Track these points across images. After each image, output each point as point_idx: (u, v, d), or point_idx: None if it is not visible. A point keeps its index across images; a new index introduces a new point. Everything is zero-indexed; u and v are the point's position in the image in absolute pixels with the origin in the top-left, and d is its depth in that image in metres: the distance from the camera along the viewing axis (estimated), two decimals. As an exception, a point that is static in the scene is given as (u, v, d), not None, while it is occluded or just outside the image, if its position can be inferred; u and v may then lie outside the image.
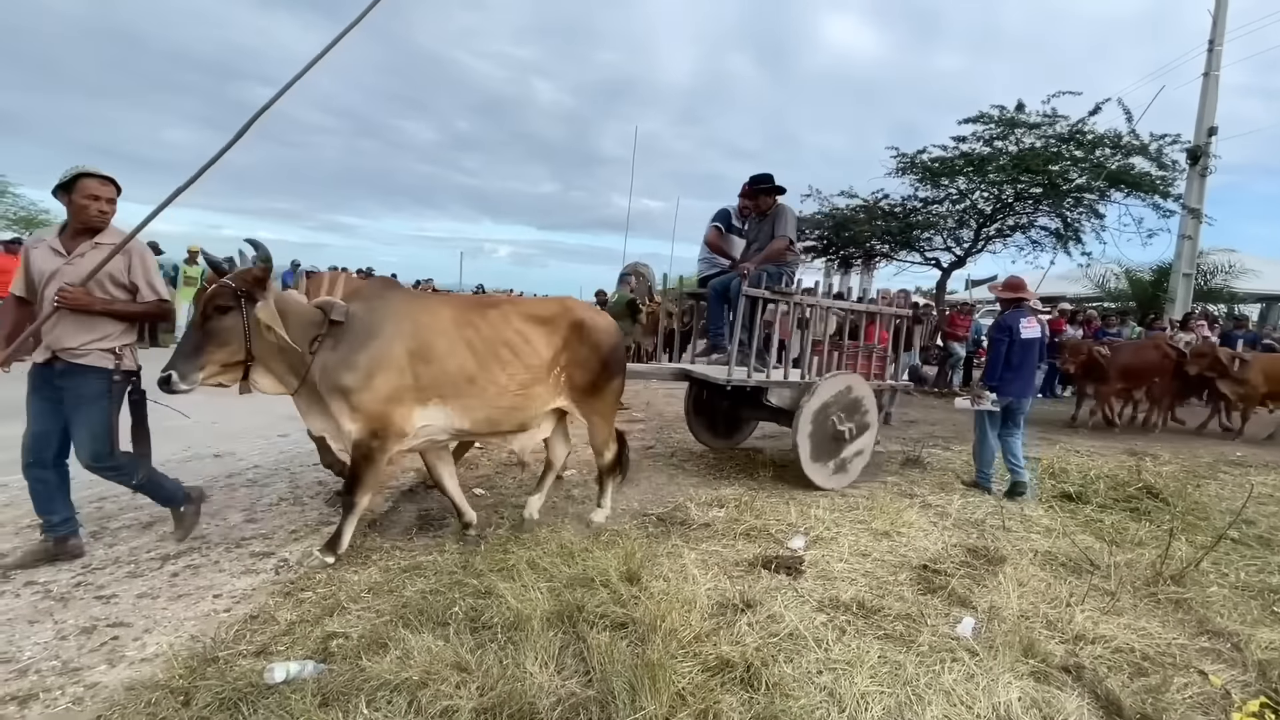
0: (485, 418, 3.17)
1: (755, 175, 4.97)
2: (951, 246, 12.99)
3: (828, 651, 2.37)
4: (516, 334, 3.25)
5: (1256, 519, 4.46)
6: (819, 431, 4.46)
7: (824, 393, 4.47)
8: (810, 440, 4.43)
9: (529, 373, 3.25)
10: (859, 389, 4.67)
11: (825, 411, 4.48)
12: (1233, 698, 2.30)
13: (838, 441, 4.56)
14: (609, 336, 3.55)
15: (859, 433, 4.65)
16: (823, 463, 4.53)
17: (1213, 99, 12.90)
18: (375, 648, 2.25)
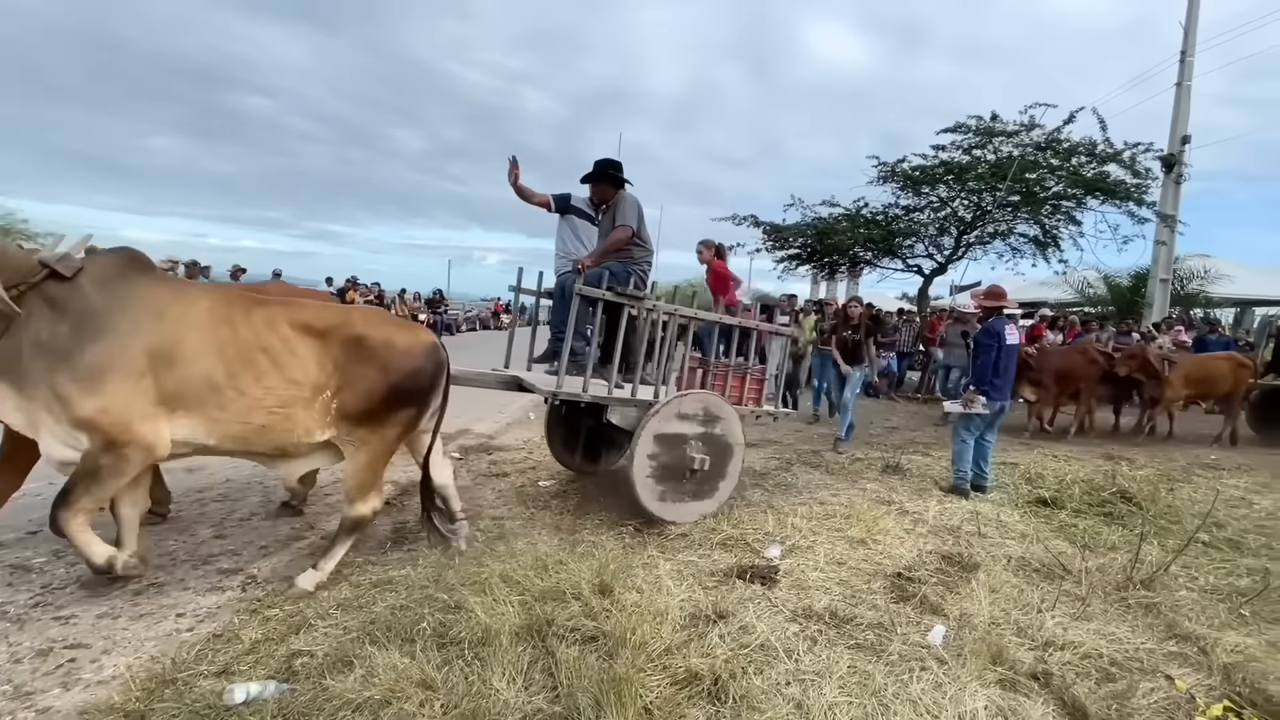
0: (233, 434, 2.69)
1: (597, 161, 4.35)
2: (933, 253, 13.15)
3: (798, 662, 2.36)
4: (281, 342, 2.74)
5: (1227, 522, 4.53)
6: (662, 459, 3.79)
7: (671, 414, 3.82)
8: (649, 468, 3.75)
9: (289, 389, 2.73)
10: (718, 412, 4.01)
11: (671, 436, 3.81)
12: (1197, 702, 2.32)
13: (687, 471, 3.87)
14: (405, 358, 2.91)
15: (716, 463, 3.96)
16: (665, 496, 3.84)
17: (1185, 108, 13.20)
18: (340, 666, 2.22)
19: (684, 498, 3.92)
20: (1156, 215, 11.95)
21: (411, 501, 4.42)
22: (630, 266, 4.17)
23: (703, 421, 3.93)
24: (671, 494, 3.86)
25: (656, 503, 3.80)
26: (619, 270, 4.09)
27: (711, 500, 4.04)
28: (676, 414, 3.85)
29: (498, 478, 4.99)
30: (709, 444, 3.94)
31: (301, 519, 3.87)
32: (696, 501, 3.98)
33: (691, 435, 3.89)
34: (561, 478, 5.00)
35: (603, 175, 4.31)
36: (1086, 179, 10.83)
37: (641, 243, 4.27)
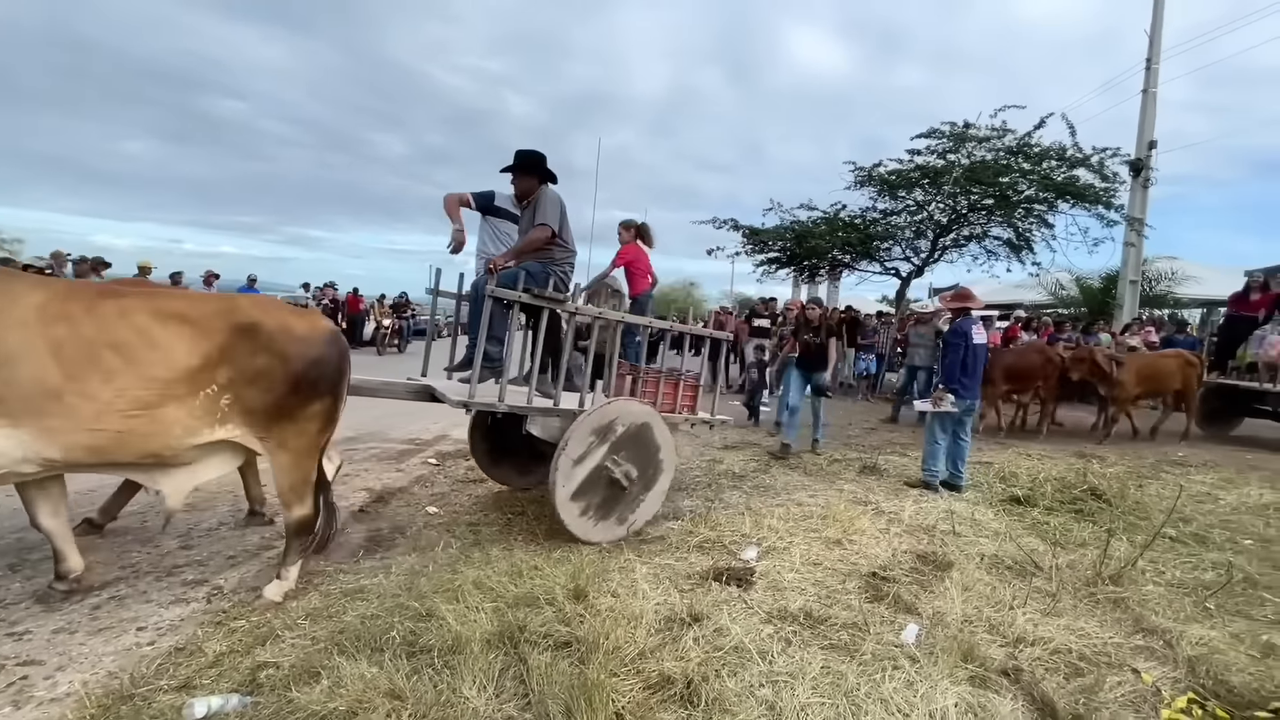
0: (84, 444, 2.38)
1: (518, 151, 3.99)
2: (910, 256, 13.32)
3: (771, 664, 2.36)
4: (137, 335, 2.45)
5: (1193, 517, 4.62)
6: (584, 471, 3.52)
7: (595, 424, 3.55)
8: (572, 483, 3.48)
9: (152, 388, 2.43)
10: (647, 422, 3.74)
11: (593, 447, 3.54)
12: (1163, 695, 2.36)
13: (612, 487, 3.62)
14: (306, 346, 2.72)
15: (644, 477, 3.73)
16: (588, 512, 3.58)
17: (1152, 114, 13.53)
18: (306, 677, 2.17)
19: (609, 514, 3.64)
20: (1125, 218, 12.22)
21: (387, 508, 4.37)
22: (550, 267, 3.88)
23: (631, 432, 3.67)
24: (596, 510, 3.59)
25: (578, 520, 3.53)
26: (537, 271, 3.80)
27: (639, 516, 3.76)
28: (601, 425, 3.56)
29: (474, 483, 4.94)
30: (637, 456, 3.68)
31: (272, 528, 3.79)
32: (623, 518, 3.70)
33: (618, 447, 3.62)
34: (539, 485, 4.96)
35: (524, 166, 3.93)
36: (1057, 183, 11.04)
37: (563, 243, 3.96)
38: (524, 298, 3.50)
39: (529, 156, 3.94)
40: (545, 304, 3.61)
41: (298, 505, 2.87)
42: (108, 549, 3.32)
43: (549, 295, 3.59)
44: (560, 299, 3.66)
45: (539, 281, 3.69)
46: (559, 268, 3.93)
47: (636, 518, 3.77)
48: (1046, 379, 8.14)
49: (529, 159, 3.93)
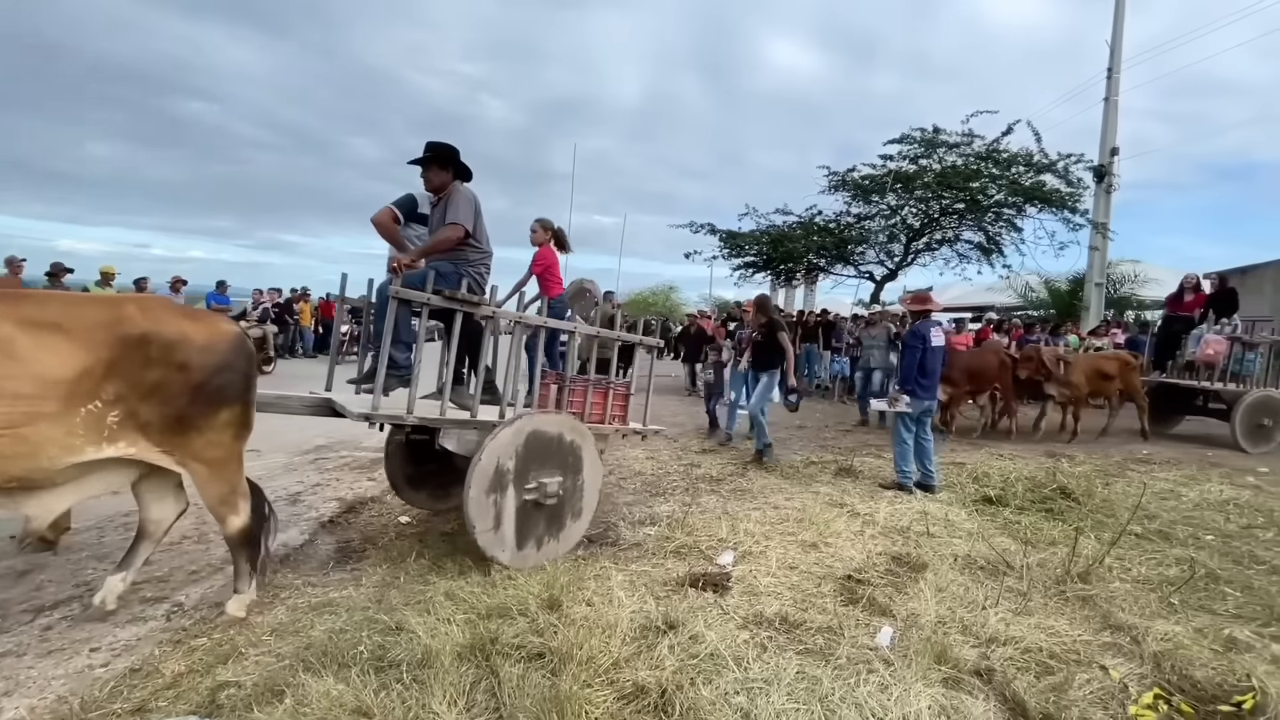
0: None
1: (429, 143, 3.67)
2: (884, 260, 13.52)
3: (746, 670, 2.34)
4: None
5: (1158, 514, 4.74)
6: (503, 489, 3.22)
7: (511, 438, 3.24)
8: (487, 502, 3.15)
9: (16, 404, 2.18)
10: (569, 435, 3.47)
11: (513, 464, 3.25)
12: (1130, 691, 2.39)
13: (533, 504, 3.32)
14: (207, 354, 2.53)
15: (569, 495, 3.46)
16: (505, 530, 3.25)
17: (1114, 121, 13.94)
18: (270, 696, 2.10)
19: (530, 533, 3.35)
20: (1089, 223, 12.56)
21: (358, 518, 4.28)
22: (464, 268, 3.59)
23: (554, 447, 3.41)
24: (514, 528, 3.27)
25: (494, 539, 3.21)
26: (449, 272, 3.50)
27: (563, 539, 3.48)
28: (522, 437, 3.28)
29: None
30: (561, 471, 3.42)
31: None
32: (546, 540, 3.42)
33: (540, 461, 3.35)
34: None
35: (436, 159, 3.64)
36: (1025, 187, 11.32)
37: (477, 244, 3.69)
38: (434, 300, 3.24)
39: (440, 149, 3.64)
40: (458, 307, 3.33)
41: (231, 516, 2.74)
42: (60, 566, 3.19)
43: (463, 297, 3.31)
44: (474, 301, 3.37)
45: (451, 283, 3.39)
46: (473, 269, 3.65)
47: (562, 537, 3.47)
48: (1002, 379, 8.24)
49: (440, 151, 3.64)
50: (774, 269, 14.54)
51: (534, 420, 3.40)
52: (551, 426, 3.44)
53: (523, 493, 3.29)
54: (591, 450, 3.59)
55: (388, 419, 3.21)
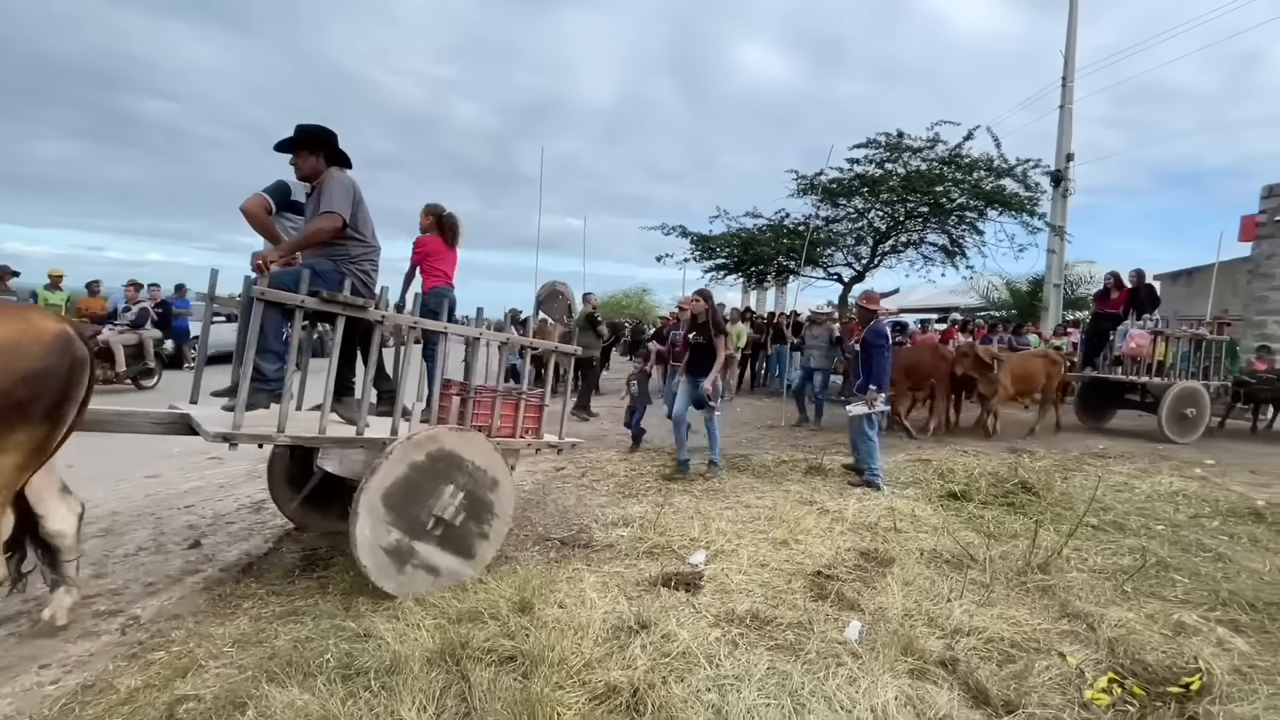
0: None
1: (299, 126, 3.30)
2: (851, 262, 13.76)
3: (718, 667, 2.36)
4: None
5: (1112, 505, 4.91)
6: (396, 514, 2.91)
7: (405, 458, 2.94)
8: (377, 526, 2.85)
9: None
10: (473, 452, 3.17)
11: (411, 484, 2.96)
12: (1086, 676, 2.48)
13: (432, 529, 3.02)
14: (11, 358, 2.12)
15: (473, 517, 3.15)
16: (398, 560, 2.93)
17: (1069, 128, 14.45)
18: (231, 709, 2.05)
19: (428, 563, 3.03)
20: (1047, 226, 12.98)
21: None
22: (346, 265, 3.22)
23: (455, 465, 3.11)
24: (409, 558, 2.97)
25: (386, 569, 2.89)
26: (327, 270, 3.15)
27: (468, 563, 3.17)
28: (418, 455, 2.98)
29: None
30: (464, 493, 3.12)
31: (198, 550, 3.58)
32: (447, 566, 3.09)
33: (439, 482, 3.05)
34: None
35: (305, 142, 3.25)
36: (986, 191, 11.64)
37: (360, 237, 3.30)
38: (309, 302, 2.87)
39: (309, 131, 3.29)
40: (339, 310, 2.97)
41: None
42: (8, 581, 3.04)
43: (344, 299, 2.96)
44: (357, 304, 3.01)
45: (330, 283, 3.06)
46: (357, 266, 3.27)
47: (466, 561, 3.16)
48: (937, 375, 8.34)
49: (309, 133, 3.28)
50: (745, 271, 14.68)
51: (431, 437, 3.05)
52: (452, 443, 3.11)
53: (419, 517, 2.98)
54: (500, 467, 3.29)
55: (251, 439, 2.77)
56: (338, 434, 3.03)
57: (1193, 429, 8.50)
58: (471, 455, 3.17)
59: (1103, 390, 9.61)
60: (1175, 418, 8.40)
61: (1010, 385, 8.32)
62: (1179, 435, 8.37)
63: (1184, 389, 8.46)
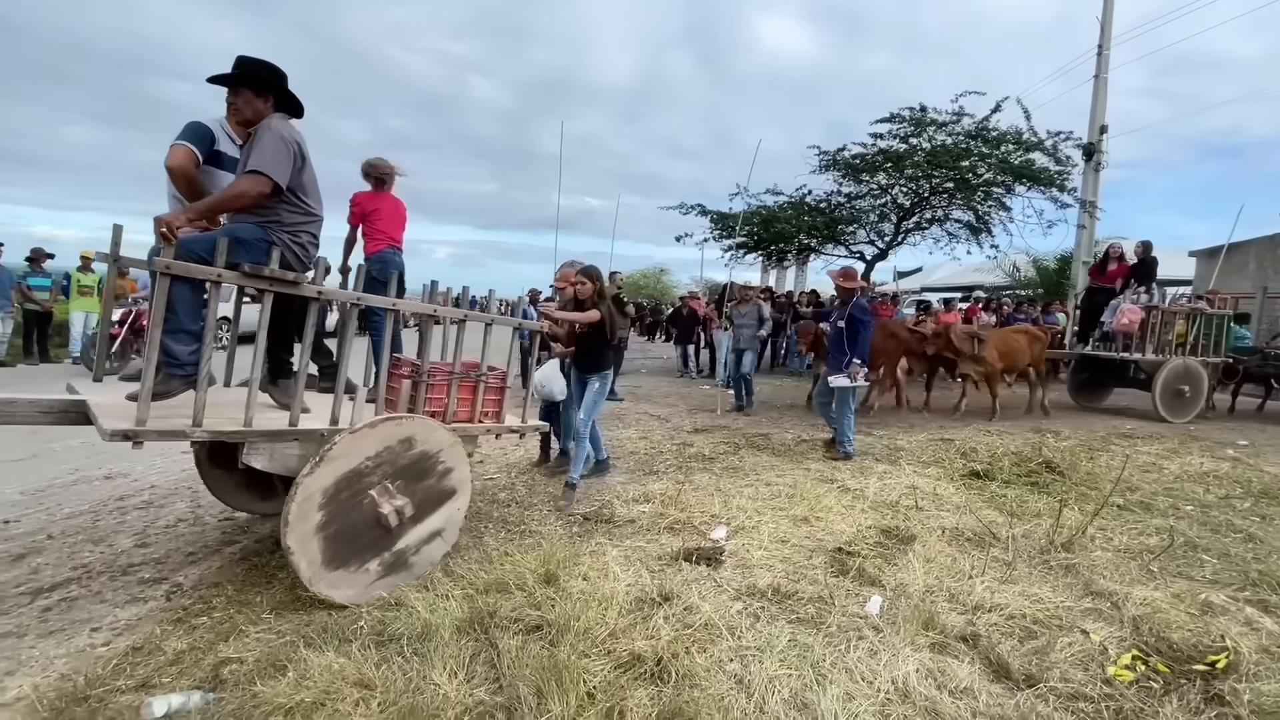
0: None
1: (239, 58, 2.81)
2: (874, 239, 13.54)
3: (740, 639, 2.41)
4: None
5: (1139, 486, 4.85)
6: (340, 514, 2.61)
7: (351, 452, 2.63)
8: (315, 530, 2.55)
9: None
10: (427, 441, 2.88)
11: (353, 482, 2.66)
12: (1109, 653, 2.48)
13: (379, 529, 2.73)
14: None
15: (425, 509, 2.88)
16: (346, 564, 2.66)
17: (1103, 99, 13.93)
18: (272, 671, 2.13)
19: (371, 565, 2.74)
20: (1078, 201, 12.61)
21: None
22: (277, 233, 2.75)
23: (403, 457, 2.81)
24: (352, 561, 2.68)
25: (329, 572, 2.60)
26: (252, 238, 2.67)
27: (421, 560, 2.91)
28: (360, 449, 2.67)
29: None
30: (415, 486, 2.84)
31: (233, 522, 3.70)
32: (397, 566, 2.82)
33: (384, 478, 2.75)
34: (510, 471, 4.94)
35: (245, 79, 2.75)
36: (1014, 166, 11.32)
37: (300, 201, 2.82)
38: (226, 276, 2.48)
39: (253, 66, 2.77)
40: (265, 286, 2.58)
41: None
42: (56, 549, 3.19)
43: (271, 273, 2.56)
44: (286, 278, 2.61)
45: (255, 254, 2.62)
46: (291, 236, 2.80)
47: (419, 559, 2.90)
48: (888, 355, 7.92)
49: (253, 70, 2.76)
50: (765, 250, 14.53)
51: (377, 426, 2.73)
52: (402, 432, 2.81)
53: (364, 517, 2.70)
54: (457, 456, 3.00)
55: (160, 436, 2.37)
56: (266, 426, 2.64)
57: (1188, 407, 8.21)
58: (423, 444, 2.87)
59: (1098, 368, 9.24)
60: (1169, 395, 8.13)
61: (996, 362, 8.01)
62: (1173, 414, 8.08)
63: (1178, 366, 8.16)
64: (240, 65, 2.77)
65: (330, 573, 2.62)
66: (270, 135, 2.69)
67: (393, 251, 4.36)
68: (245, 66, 2.77)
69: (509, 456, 5.41)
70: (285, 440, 2.69)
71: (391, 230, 4.40)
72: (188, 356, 2.59)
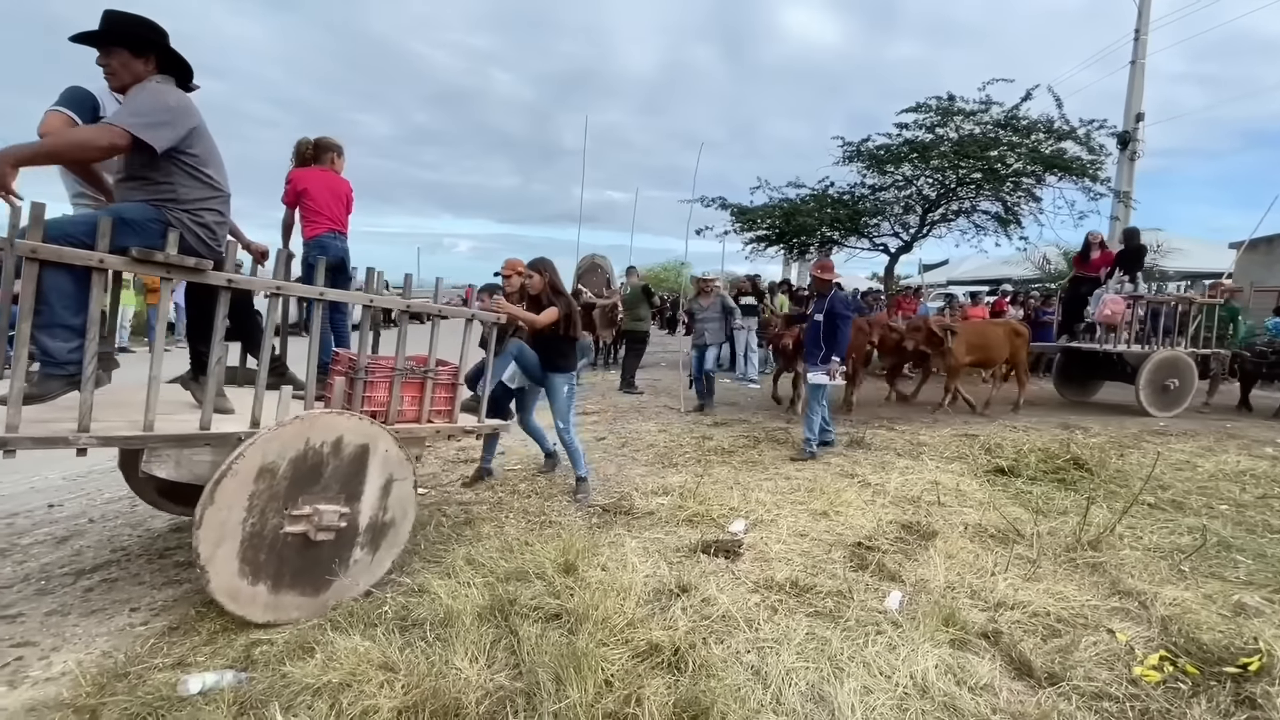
0: None
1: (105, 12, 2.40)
2: (899, 232, 13.33)
3: (757, 631, 2.42)
4: None
5: (1171, 484, 4.72)
6: (256, 527, 2.35)
7: (271, 455, 2.36)
8: (230, 544, 2.30)
9: None
10: (360, 444, 2.59)
11: (271, 489, 2.37)
12: (1136, 652, 2.43)
13: (307, 545, 2.47)
14: None
15: (363, 523, 2.62)
16: (265, 581, 2.40)
17: (1140, 85, 13.52)
18: (300, 653, 2.20)
19: (298, 582, 2.48)
20: (1111, 191, 12.26)
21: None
22: (174, 213, 2.39)
23: (337, 462, 2.53)
24: (277, 579, 2.43)
25: (247, 590, 2.36)
26: (143, 218, 2.32)
27: (356, 576, 2.64)
28: (282, 455, 2.39)
29: (466, 464, 4.96)
30: (346, 495, 2.56)
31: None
32: (326, 584, 2.55)
33: (314, 486, 2.47)
34: (529, 463, 4.99)
35: (116, 37, 2.37)
36: (1044, 156, 11.03)
37: (194, 173, 2.45)
38: (111, 262, 2.18)
39: (125, 22, 2.39)
40: (160, 273, 2.29)
41: None
42: (97, 532, 3.32)
43: (168, 259, 2.25)
44: (186, 264, 2.30)
45: (149, 235, 2.30)
46: (190, 214, 2.44)
47: (353, 575, 2.62)
48: (856, 350, 7.42)
49: (127, 27, 2.39)
50: (786, 243, 14.38)
51: (304, 427, 2.45)
52: (333, 434, 2.52)
53: (285, 529, 2.42)
54: (397, 461, 2.72)
55: (36, 443, 2.10)
56: (171, 430, 2.35)
57: (1175, 402, 7.88)
58: (355, 449, 2.59)
59: (1084, 361, 8.86)
60: (1155, 389, 7.81)
61: (966, 356, 7.65)
62: (1160, 409, 7.78)
63: (1165, 358, 7.83)
64: (110, 21, 2.37)
65: (248, 590, 2.37)
66: (144, 93, 2.36)
67: (333, 236, 3.85)
68: (117, 22, 2.38)
69: (530, 448, 5.46)
70: (195, 445, 2.41)
71: (331, 211, 3.87)
72: (67, 355, 2.23)
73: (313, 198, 3.84)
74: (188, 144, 2.41)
